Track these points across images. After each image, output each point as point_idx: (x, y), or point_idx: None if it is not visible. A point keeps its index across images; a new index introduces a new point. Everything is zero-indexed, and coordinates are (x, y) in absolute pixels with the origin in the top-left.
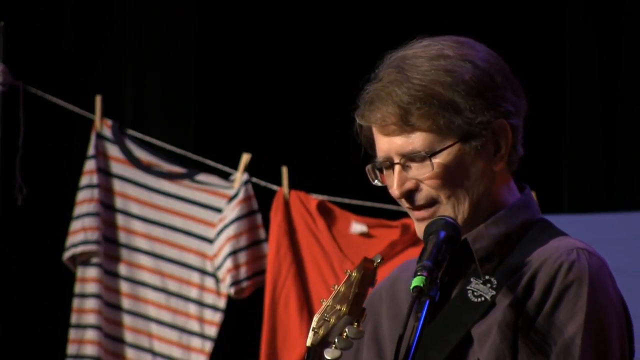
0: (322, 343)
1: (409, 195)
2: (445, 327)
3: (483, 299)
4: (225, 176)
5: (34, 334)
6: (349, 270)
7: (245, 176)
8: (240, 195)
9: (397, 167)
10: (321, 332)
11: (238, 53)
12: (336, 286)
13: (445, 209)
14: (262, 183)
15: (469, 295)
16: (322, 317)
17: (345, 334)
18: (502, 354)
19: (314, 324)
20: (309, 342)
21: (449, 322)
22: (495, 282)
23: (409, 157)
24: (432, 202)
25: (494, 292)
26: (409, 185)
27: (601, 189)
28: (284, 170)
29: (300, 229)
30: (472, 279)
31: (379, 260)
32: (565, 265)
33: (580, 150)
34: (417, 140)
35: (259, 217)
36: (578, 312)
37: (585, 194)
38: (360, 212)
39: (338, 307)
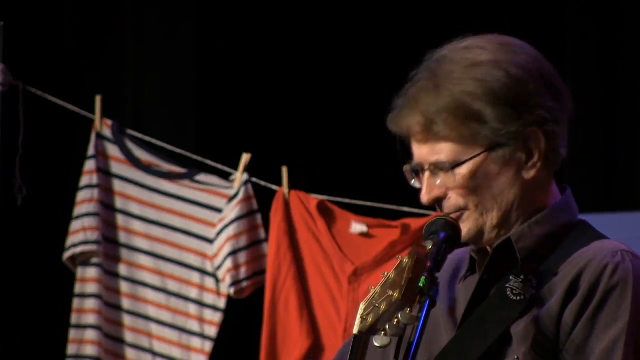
0: (370, 330)
1: (438, 202)
2: (483, 324)
3: (522, 297)
4: (225, 176)
5: (34, 334)
6: (400, 257)
7: (245, 176)
8: (240, 195)
9: (426, 174)
10: (370, 319)
11: (238, 53)
12: (385, 273)
13: (472, 215)
14: (262, 183)
15: (508, 293)
16: (370, 304)
17: (397, 320)
18: (543, 354)
19: (360, 311)
20: (356, 330)
21: (487, 319)
22: (536, 282)
23: (436, 166)
24: (459, 209)
25: (534, 292)
26: (437, 192)
27: (601, 189)
28: (284, 170)
29: (300, 229)
30: (511, 277)
31: (430, 247)
32: (610, 267)
33: (580, 150)
34: (442, 150)
35: (259, 217)
36: (622, 314)
37: (585, 194)
38: (360, 212)
39: (390, 292)
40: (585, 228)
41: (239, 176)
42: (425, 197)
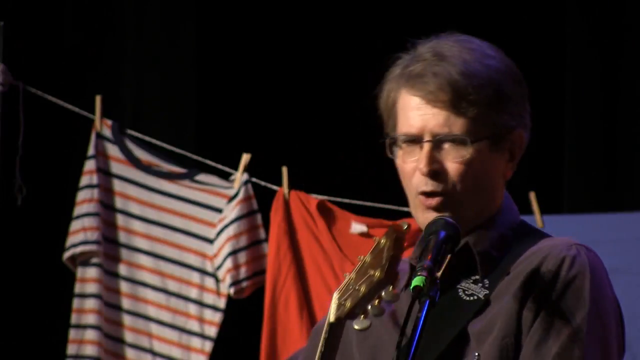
0: (349, 315)
1: (434, 176)
2: (437, 326)
3: (476, 297)
4: (225, 176)
5: (34, 334)
6: (377, 238)
7: (245, 176)
8: (240, 195)
9: (428, 145)
10: (348, 304)
11: (238, 53)
12: (361, 257)
13: (455, 203)
14: (262, 183)
15: (460, 294)
16: (346, 289)
17: (378, 300)
18: (506, 349)
19: (336, 298)
20: (332, 317)
21: (440, 320)
22: (488, 282)
23: (444, 139)
24: (446, 191)
25: (487, 292)
26: (436, 166)
27: (601, 189)
28: (284, 170)
29: (300, 229)
30: (461, 279)
31: (406, 227)
32: (568, 260)
33: (580, 150)
34: (457, 125)
35: (259, 217)
36: (581, 306)
37: (585, 194)
38: (360, 212)
39: (371, 272)
40: (529, 228)
41: (239, 176)
42: (427, 168)
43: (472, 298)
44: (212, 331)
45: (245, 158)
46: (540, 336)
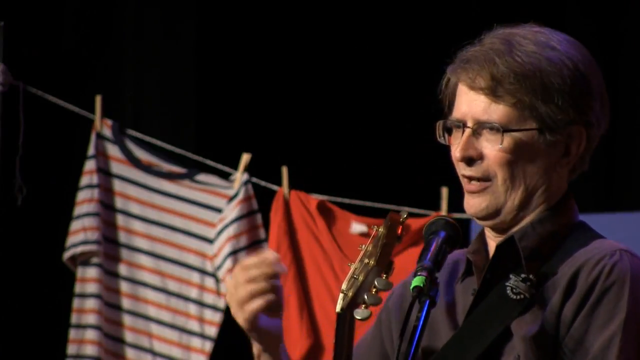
0: (352, 305)
1: (469, 162)
2: (482, 323)
3: (522, 296)
4: (225, 176)
5: (34, 334)
6: (375, 226)
7: (245, 176)
8: (240, 195)
9: (467, 131)
10: (350, 293)
11: (238, 53)
12: (363, 246)
13: (496, 190)
14: (262, 183)
15: (508, 292)
16: (350, 278)
17: (375, 290)
18: (546, 350)
19: (343, 287)
20: (338, 307)
21: (486, 318)
22: (536, 281)
23: (483, 126)
24: (486, 178)
25: (534, 291)
26: (472, 152)
27: (601, 189)
28: (284, 170)
29: (300, 229)
30: (511, 276)
31: (405, 216)
32: (608, 266)
33: None
34: (497, 112)
35: (259, 217)
36: (619, 312)
37: (585, 194)
38: (360, 212)
39: (366, 261)
40: (585, 229)
41: (239, 176)
42: (459, 153)
43: (518, 297)
44: (212, 331)
45: (245, 158)
46: (576, 342)
